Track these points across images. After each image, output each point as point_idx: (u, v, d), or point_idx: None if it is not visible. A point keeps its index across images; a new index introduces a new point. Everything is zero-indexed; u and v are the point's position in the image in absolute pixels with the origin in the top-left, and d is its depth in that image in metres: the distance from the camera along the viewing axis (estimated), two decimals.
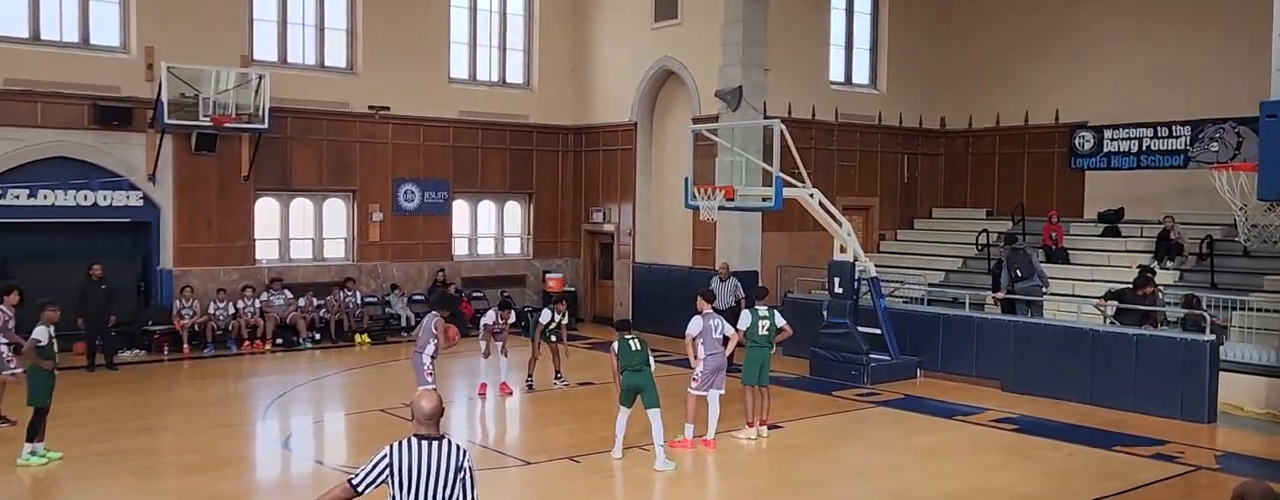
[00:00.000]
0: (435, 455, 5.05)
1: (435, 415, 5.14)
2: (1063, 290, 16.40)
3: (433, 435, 5.12)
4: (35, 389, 10.33)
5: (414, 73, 20.16)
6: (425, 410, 5.13)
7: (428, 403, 5.16)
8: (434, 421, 5.14)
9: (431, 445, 5.08)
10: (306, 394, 14.44)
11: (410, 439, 5.10)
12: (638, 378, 10.37)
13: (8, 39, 16.49)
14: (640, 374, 10.38)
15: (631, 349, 10.45)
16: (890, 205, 21.80)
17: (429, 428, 5.13)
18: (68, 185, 16.82)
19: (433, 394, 5.30)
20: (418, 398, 5.21)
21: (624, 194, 21.22)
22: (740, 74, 18.27)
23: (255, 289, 18.13)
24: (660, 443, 10.28)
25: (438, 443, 5.10)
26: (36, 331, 10.42)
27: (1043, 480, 10.19)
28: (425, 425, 5.13)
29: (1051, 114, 20.46)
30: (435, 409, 5.15)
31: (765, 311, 11.84)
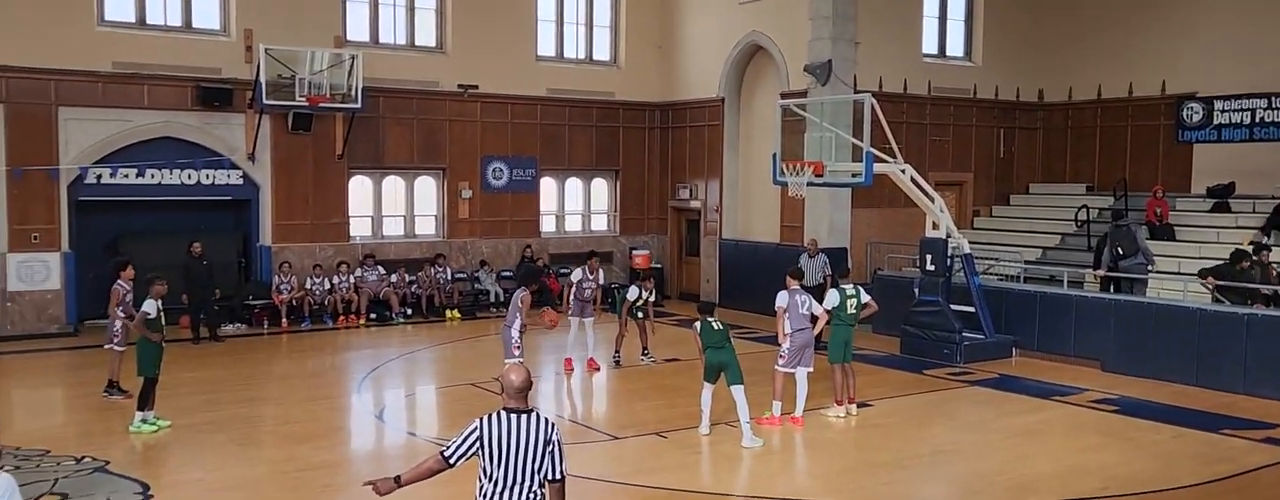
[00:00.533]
0: (524, 428, 5.08)
1: (524, 389, 5.16)
2: (1168, 268, 15.80)
3: (522, 408, 5.14)
4: (144, 360, 10.79)
5: (502, 51, 20.32)
6: (515, 384, 5.15)
7: (516, 376, 5.17)
8: (523, 395, 5.16)
9: (520, 418, 5.11)
10: (399, 368, 14.77)
11: (500, 412, 5.14)
12: (721, 354, 10.38)
13: (116, 23, 17.11)
14: (723, 350, 10.40)
15: (713, 328, 10.47)
16: (985, 181, 21.25)
17: (518, 401, 5.15)
18: (173, 164, 17.43)
19: (521, 368, 5.30)
20: (506, 371, 5.24)
21: (711, 170, 21.11)
22: (830, 48, 17.95)
23: (349, 265, 18.58)
24: (746, 420, 10.26)
25: (527, 416, 5.12)
26: (146, 305, 10.88)
27: (1144, 463, 9.86)
28: (514, 399, 5.16)
29: (1157, 85, 19.65)
30: (524, 382, 5.16)
31: (852, 289, 11.78)
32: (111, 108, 16.83)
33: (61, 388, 13.58)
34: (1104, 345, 14.22)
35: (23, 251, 16.39)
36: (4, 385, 13.66)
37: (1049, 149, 21.78)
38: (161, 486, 8.79)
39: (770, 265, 18.69)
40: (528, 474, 5.09)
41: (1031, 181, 21.75)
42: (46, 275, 16.57)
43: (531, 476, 5.10)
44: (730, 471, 9.54)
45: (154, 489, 8.72)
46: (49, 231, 16.56)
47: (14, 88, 16.13)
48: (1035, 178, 21.81)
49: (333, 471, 9.45)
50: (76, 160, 16.65)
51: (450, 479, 9.07)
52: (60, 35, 16.32)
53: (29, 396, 13.22)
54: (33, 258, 16.45)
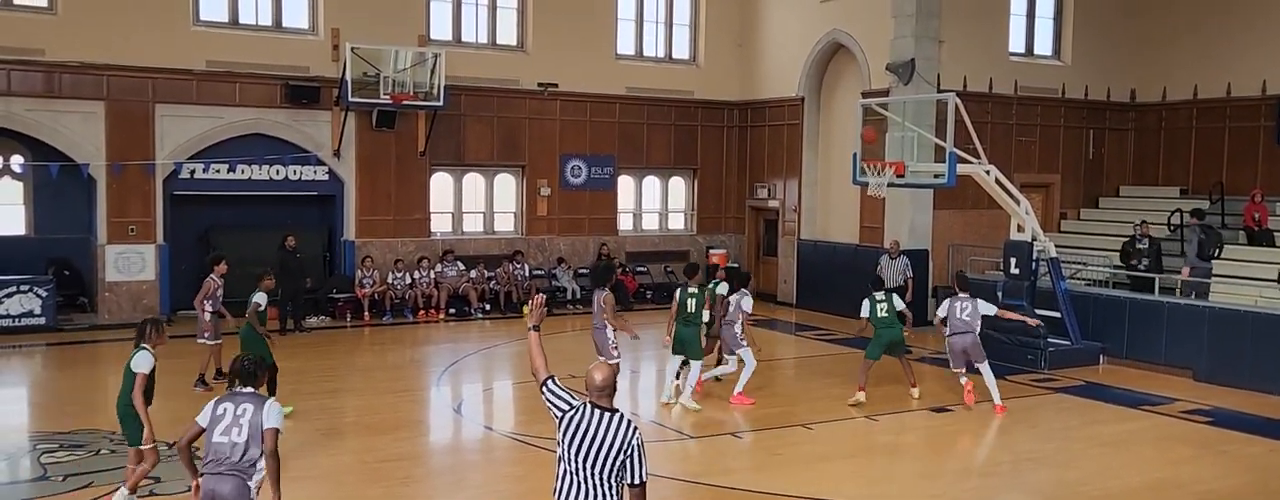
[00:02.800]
0: (606, 426, 5.07)
1: (606, 387, 5.15)
2: (1266, 275, 15.19)
3: (606, 407, 5.14)
4: (261, 349, 11.03)
5: (582, 49, 20.44)
6: (596, 381, 5.16)
7: (599, 374, 5.17)
8: (606, 393, 5.15)
9: (604, 416, 5.10)
10: (477, 362, 14.96)
11: (588, 407, 5.14)
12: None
13: (210, 23, 17.64)
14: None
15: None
16: (1073, 183, 20.69)
17: (602, 399, 5.15)
18: (262, 160, 17.91)
19: (605, 366, 5.28)
20: (592, 369, 5.24)
21: (789, 170, 20.95)
22: (912, 46, 17.67)
23: (430, 260, 18.88)
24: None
25: (611, 415, 5.11)
26: (257, 296, 11.28)
27: (1239, 477, 9.50)
28: (597, 396, 5.15)
29: (1257, 85, 18.90)
30: (606, 380, 5.15)
31: (882, 296, 12.28)
32: (205, 105, 17.37)
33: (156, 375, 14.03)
34: (1197, 354, 13.75)
35: (121, 243, 17.00)
36: (101, 372, 14.17)
37: (1141, 151, 21.11)
38: None
39: (849, 266, 18.53)
40: (598, 471, 5.04)
41: (1122, 184, 21.11)
42: (142, 266, 17.17)
43: (603, 475, 5.05)
44: (805, 474, 9.45)
45: None
46: (145, 224, 17.15)
47: (114, 86, 16.74)
48: (1126, 180, 21.16)
49: (413, 463, 9.61)
50: (171, 156, 17.22)
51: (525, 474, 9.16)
52: (157, 35, 16.89)
53: None
54: (130, 249, 17.05)
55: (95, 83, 16.63)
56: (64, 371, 13.87)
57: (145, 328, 7.99)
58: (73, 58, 16.39)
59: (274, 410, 5.89)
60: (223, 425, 5.83)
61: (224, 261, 12.65)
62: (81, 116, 16.59)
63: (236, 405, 5.87)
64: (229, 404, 5.89)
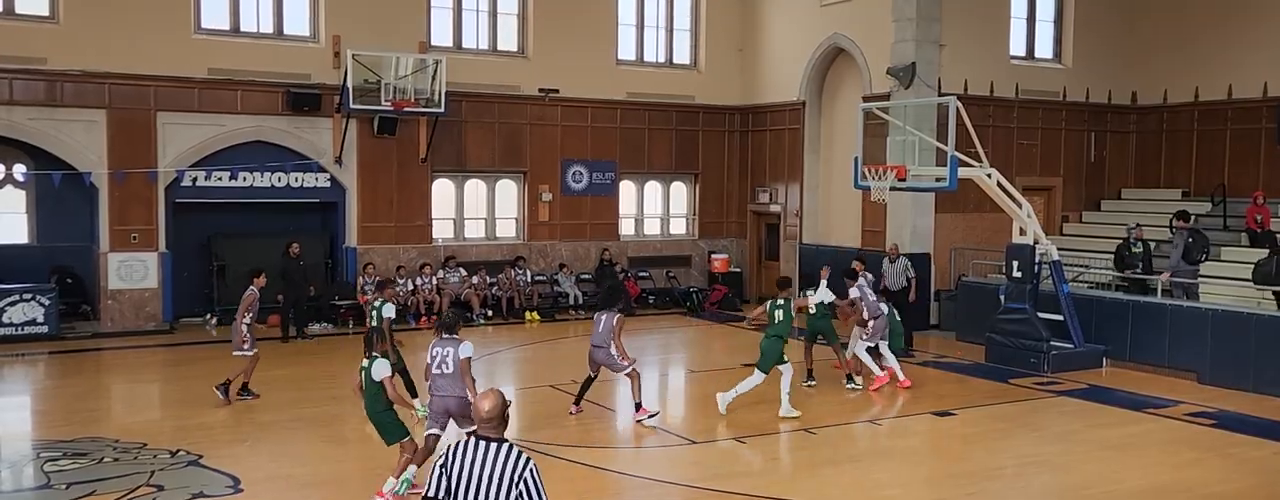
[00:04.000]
0: (490, 459, 4.64)
1: (494, 416, 4.73)
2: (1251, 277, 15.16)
3: (492, 437, 4.72)
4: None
5: (583, 55, 20.46)
6: (483, 410, 4.74)
7: (486, 403, 4.76)
8: (494, 423, 4.73)
9: (489, 448, 4.69)
10: (479, 369, 14.86)
11: (469, 440, 4.76)
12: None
13: (211, 31, 17.68)
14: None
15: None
16: (1074, 186, 20.68)
17: (488, 429, 4.74)
18: (264, 167, 17.94)
19: (494, 393, 4.84)
20: (479, 397, 4.83)
21: (791, 174, 20.95)
22: (913, 50, 17.69)
23: (432, 267, 18.88)
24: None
25: (497, 446, 4.69)
26: (386, 308, 11.58)
27: (1244, 480, 9.48)
28: (484, 427, 4.74)
29: (1258, 87, 18.89)
30: (493, 409, 4.73)
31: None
32: (206, 112, 17.40)
33: (158, 383, 14.07)
34: (1201, 356, 13.73)
35: (123, 251, 17.02)
36: (105, 380, 14.20)
37: (1142, 153, 21.10)
38: (251, 481, 9.02)
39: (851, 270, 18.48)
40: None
41: (1124, 186, 21.10)
42: (145, 274, 17.18)
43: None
44: (809, 478, 9.44)
45: (244, 483, 8.96)
46: (147, 232, 17.17)
47: (116, 94, 16.77)
48: (1128, 183, 21.15)
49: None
50: (173, 163, 17.24)
51: None
52: (159, 43, 16.92)
53: (128, 391, 13.72)
54: (132, 257, 17.07)
55: (97, 91, 16.66)
56: (67, 380, 13.87)
57: (372, 337, 8.66)
58: (75, 66, 16.42)
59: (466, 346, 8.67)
60: (435, 363, 8.59)
61: (263, 274, 12.66)
62: (84, 125, 16.62)
63: (443, 348, 8.65)
64: (438, 348, 8.69)
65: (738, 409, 12.21)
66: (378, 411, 8.42)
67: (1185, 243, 15.27)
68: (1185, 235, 15.37)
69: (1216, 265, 16.15)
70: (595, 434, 11.12)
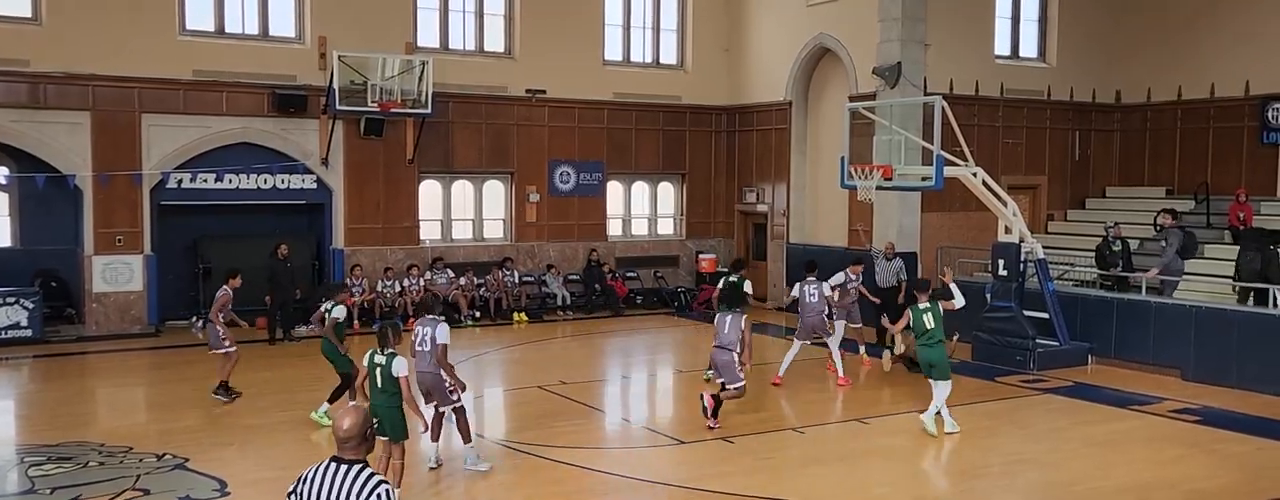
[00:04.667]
0: (343, 483, 4.31)
1: (351, 436, 4.38)
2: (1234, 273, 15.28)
3: (348, 459, 4.39)
4: (335, 359, 11.24)
5: (569, 56, 20.45)
6: (340, 429, 4.39)
7: (346, 421, 4.40)
8: (351, 443, 4.39)
9: (342, 471, 4.35)
10: (467, 370, 14.88)
11: (324, 463, 4.43)
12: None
13: (196, 33, 17.60)
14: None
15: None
16: (1059, 184, 20.79)
17: (345, 451, 4.40)
18: (250, 169, 17.87)
19: (355, 412, 4.47)
20: (339, 415, 4.46)
21: (778, 174, 21.00)
22: (899, 50, 17.75)
23: (419, 268, 18.85)
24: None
25: (350, 468, 4.35)
26: (337, 310, 11.23)
27: (1228, 475, 9.55)
28: (341, 447, 4.41)
29: (1240, 86, 19.02)
30: (351, 428, 4.38)
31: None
32: (192, 114, 17.32)
33: (144, 387, 14.00)
34: (1185, 353, 13.82)
35: (107, 254, 16.93)
36: (89, 384, 14.13)
37: (1126, 152, 21.22)
38: (238, 484, 9.00)
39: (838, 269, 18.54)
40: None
41: (1108, 185, 21.22)
42: (130, 277, 17.10)
43: None
44: (797, 478, 9.47)
45: (231, 486, 8.94)
46: (132, 234, 17.08)
47: (100, 96, 16.68)
48: (1112, 181, 21.27)
49: (404, 472, 9.57)
50: (158, 165, 17.15)
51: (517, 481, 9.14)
52: (143, 45, 16.84)
53: (113, 395, 13.64)
54: (117, 260, 16.98)
55: (81, 93, 16.57)
56: (51, 384, 13.79)
57: (387, 332, 8.60)
58: (58, 68, 16.33)
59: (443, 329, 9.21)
60: (417, 341, 9.29)
61: (239, 275, 12.64)
62: (67, 127, 16.53)
63: (423, 328, 9.36)
64: (420, 328, 9.37)
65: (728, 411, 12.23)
66: (392, 407, 8.40)
67: (1181, 241, 15.35)
68: (1179, 233, 15.44)
69: (1201, 263, 16.25)
70: (583, 435, 11.12)
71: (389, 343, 8.50)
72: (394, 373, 8.35)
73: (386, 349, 8.47)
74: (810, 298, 13.34)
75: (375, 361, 8.48)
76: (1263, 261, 14.35)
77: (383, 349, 8.48)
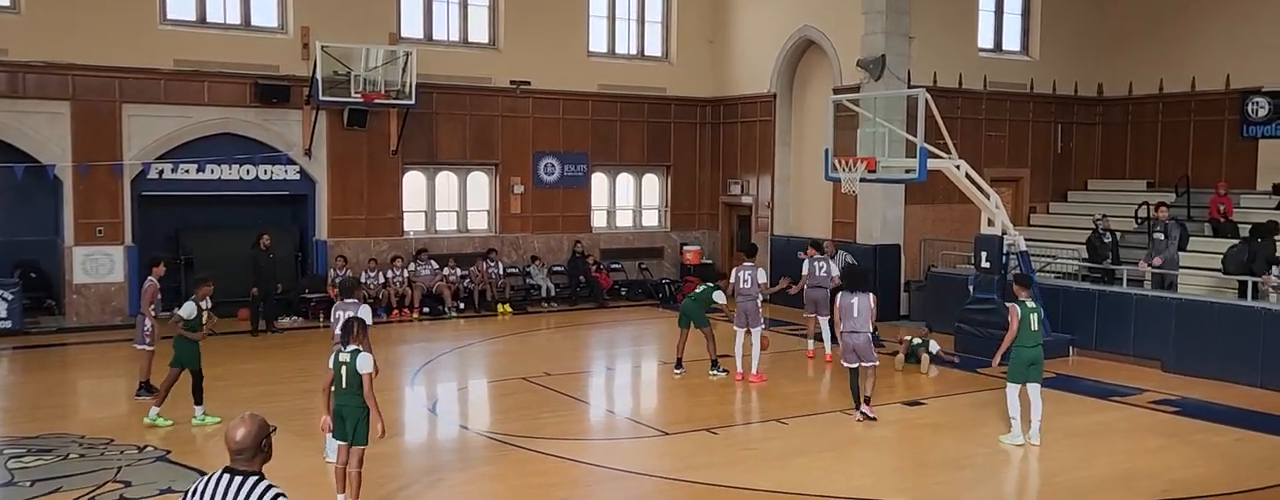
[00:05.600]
0: (237, 495, 4.06)
1: (246, 446, 4.10)
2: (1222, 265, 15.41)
3: (242, 470, 4.13)
4: (181, 354, 10.81)
5: (554, 47, 20.40)
6: (233, 439, 4.12)
7: (239, 430, 4.11)
8: (245, 454, 4.11)
9: (237, 483, 4.09)
10: (452, 361, 14.91)
11: (217, 474, 4.17)
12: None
13: (177, 22, 17.47)
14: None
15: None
16: (1041, 177, 20.91)
17: (238, 462, 4.12)
18: (232, 160, 17.76)
19: (251, 419, 4.18)
20: (232, 425, 4.18)
21: (762, 166, 21.02)
22: (883, 42, 17.78)
23: (403, 259, 18.79)
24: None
25: (247, 480, 4.09)
26: (185, 308, 10.79)
27: (1206, 466, 9.65)
28: (234, 458, 4.13)
29: (1221, 79, 19.16)
30: (245, 438, 4.10)
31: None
32: (173, 104, 17.19)
33: (125, 378, 13.84)
34: (1165, 345, 13.93)
35: (88, 245, 16.81)
36: (70, 375, 14.04)
37: (1108, 145, 21.35)
38: None
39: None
40: None
41: (1090, 178, 21.35)
42: (110, 268, 16.98)
43: None
44: (781, 469, 9.50)
45: None
46: (113, 226, 16.96)
47: (80, 85, 16.53)
48: (1094, 174, 21.40)
49: (387, 462, 9.56)
50: (139, 156, 17.03)
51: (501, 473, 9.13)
52: (124, 34, 16.70)
53: (94, 387, 13.56)
54: (97, 251, 16.87)
55: (60, 83, 16.42)
56: (31, 375, 13.69)
57: (353, 327, 8.05)
58: (37, 57, 16.17)
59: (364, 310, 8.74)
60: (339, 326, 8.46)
61: (163, 263, 12.13)
62: (47, 117, 16.39)
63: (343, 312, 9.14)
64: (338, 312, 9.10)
65: (709, 403, 12.27)
66: (359, 408, 7.91)
67: (1180, 234, 15.42)
68: (1177, 226, 15.50)
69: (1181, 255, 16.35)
70: (568, 426, 11.13)
71: (353, 337, 7.97)
72: (359, 369, 7.85)
73: (349, 345, 7.94)
74: (744, 283, 13.06)
75: (340, 360, 7.93)
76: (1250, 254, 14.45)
77: (345, 346, 7.95)
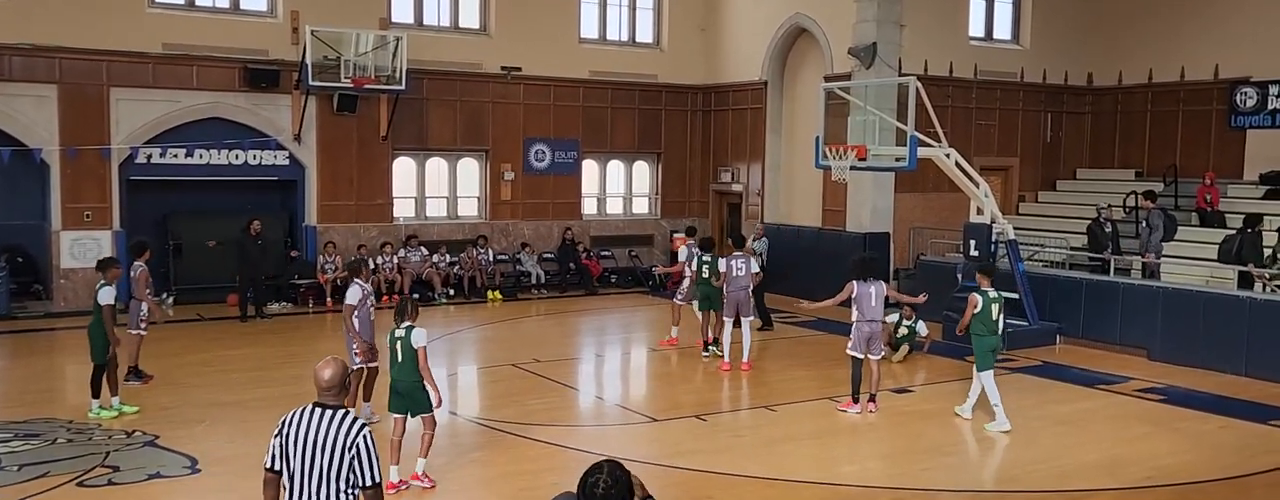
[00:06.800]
0: (323, 426, 4.71)
1: (333, 384, 4.80)
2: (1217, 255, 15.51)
3: (329, 404, 4.79)
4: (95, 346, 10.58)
5: (545, 33, 20.34)
6: (322, 379, 4.80)
7: (327, 370, 4.81)
8: (333, 391, 4.80)
9: (323, 415, 4.75)
10: (442, 348, 14.90)
11: (305, 407, 4.82)
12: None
13: (166, 5, 17.35)
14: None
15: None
16: (1031, 166, 20.98)
17: (327, 397, 4.80)
18: (221, 145, 17.68)
19: (336, 362, 4.89)
20: (320, 365, 4.86)
21: (753, 154, 21.03)
22: (874, 30, 17.77)
23: (393, 246, 18.76)
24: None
25: (331, 413, 4.76)
26: (104, 292, 10.53)
27: (1190, 453, 9.73)
28: (323, 394, 4.81)
29: (1209, 69, 19.24)
30: (334, 377, 4.80)
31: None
32: (161, 88, 17.10)
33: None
34: (1151, 333, 14.02)
35: (76, 229, 16.73)
36: (58, 361, 13.99)
37: (1097, 134, 21.43)
38: (209, 461, 8.97)
39: (812, 249, 18.65)
40: (319, 472, 4.69)
41: (1079, 167, 21.43)
42: (98, 253, 16.72)
43: (327, 478, 4.69)
44: (768, 455, 9.55)
45: (202, 463, 8.91)
46: (101, 210, 16.88)
47: (67, 69, 16.43)
48: (1083, 163, 21.48)
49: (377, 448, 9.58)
50: (127, 140, 16.94)
51: (490, 458, 9.15)
52: (112, 17, 16.58)
53: (81, 372, 13.43)
54: (85, 235, 16.79)
55: (47, 66, 16.31)
56: (18, 360, 13.66)
57: (407, 306, 8.55)
58: (24, 40, 16.05)
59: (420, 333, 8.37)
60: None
61: (149, 249, 12.03)
62: (34, 100, 16.28)
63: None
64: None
65: (700, 389, 12.31)
66: (414, 381, 8.33)
67: (1163, 224, 15.52)
68: (1161, 215, 15.61)
69: (1169, 244, 16.45)
70: (557, 412, 11.16)
71: (407, 316, 8.43)
72: (413, 344, 8.27)
73: (404, 322, 8.40)
74: (738, 272, 12.96)
75: (395, 336, 8.40)
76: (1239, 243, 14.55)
77: (400, 322, 8.41)
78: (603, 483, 3.73)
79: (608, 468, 3.79)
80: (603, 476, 3.75)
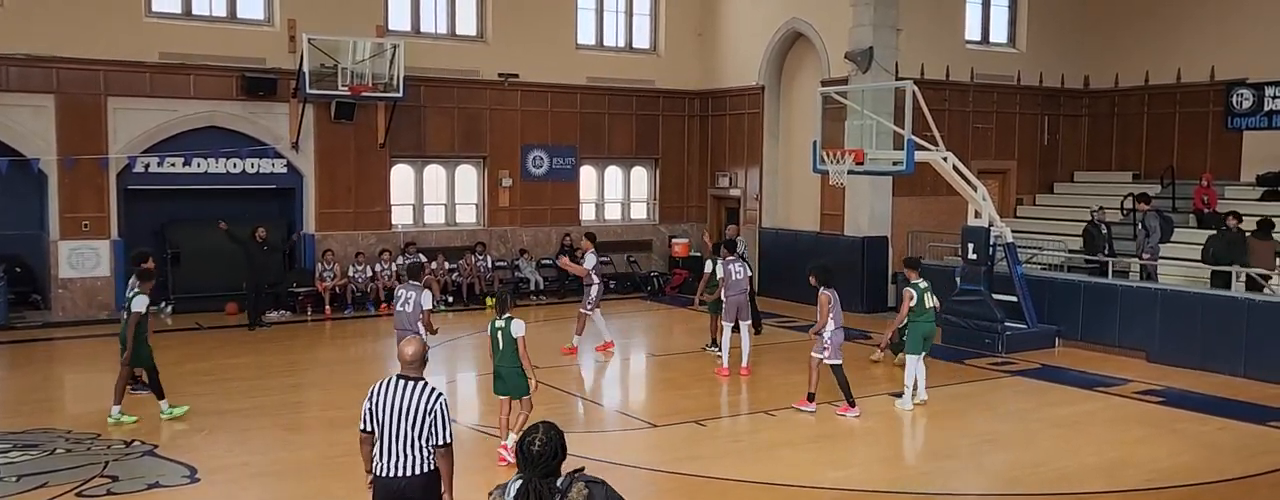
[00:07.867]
0: (408, 394, 5.60)
1: (415, 360, 5.69)
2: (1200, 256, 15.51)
3: (411, 376, 5.67)
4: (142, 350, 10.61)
5: (542, 40, 20.36)
6: (406, 354, 5.70)
7: (410, 348, 5.72)
8: (415, 365, 5.69)
9: (407, 385, 5.63)
10: (440, 354, 14.89)
11: (391, 378, 5.69)
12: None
13: (163, 14, 17.37)
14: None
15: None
16: (1028, 169, 20.99)
17: (410, 370, 5.69)
18: (219, 153, 17.69)
19: (416, 339, 5.84)
20: (403, 343, 5.77)
21: (750, 158, 21.04)
22: (871, 35, 17.80)
23: (391, 253, 18.76)
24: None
25: (414, 383, 5.64)
26: (139, 301, 10.60)
27: (1190, 455, 9.73)
28: (406, 368, 5.70)
29: (1206, 71, 19.26)
30: (415, 354, 5.69)
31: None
32: (159, 97, 17.11)
33: (111, 373, 13.75)
34: (1149, 335, 14.02)
35: (74, 239, 16.73)
36: (57, 370, 14.00)
37: (1094, 136, 21.44)
38: (208, 470, 8.95)
39: (809, 254, 18.62)
40: (404, 435, 5.57)
41: (1076, 169, 21.44)
42: (96, 262, 16.91)
43: (409, 438, 5.57)
44: (769, 460, 9.54)
45: (201, 472, 8.89)
46: (99, 219, 16.88)
47: (64, 78, 16.44)
48: (1080, 165, 21.49)
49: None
50: (125, 149, 16.95)
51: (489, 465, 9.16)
52: (109, 27, 16.60)
53: (80, 381, 13.51)
54: (83, 245, 16.79)
55: (44, 76, 16.32)
56: (17, 370, 13.64)
57: (505, 298, 9.51)
58: (20, 50, 16.06)
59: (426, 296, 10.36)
60: (399, 303, 10.63)
61: (151, 259, 12.10)
62: (31, 110, 16.29)
63: (406, 292, 10.58)
64: (402, 291, 10.63)
65: (699, 394, 12.31)
66: (513, 367, 9.08)
67: (1159, 226, 15.53)
68: (1157, 217, 15.61)
69: (1166, 246, 16.46)
70: (556, 418, 11.07)
71: (507, 308, 9.27)
72: (513, 334, 9.02)
73: (505, 313, 9.19)
74: (737, 275, 12.92)
75: (496, 326, 9.18)
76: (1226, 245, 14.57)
77: (501, 314, 9.20)
78: (538, 441, 4.18)
79: (542, 427, 4.25)
80: (538, 435, 4.21)
